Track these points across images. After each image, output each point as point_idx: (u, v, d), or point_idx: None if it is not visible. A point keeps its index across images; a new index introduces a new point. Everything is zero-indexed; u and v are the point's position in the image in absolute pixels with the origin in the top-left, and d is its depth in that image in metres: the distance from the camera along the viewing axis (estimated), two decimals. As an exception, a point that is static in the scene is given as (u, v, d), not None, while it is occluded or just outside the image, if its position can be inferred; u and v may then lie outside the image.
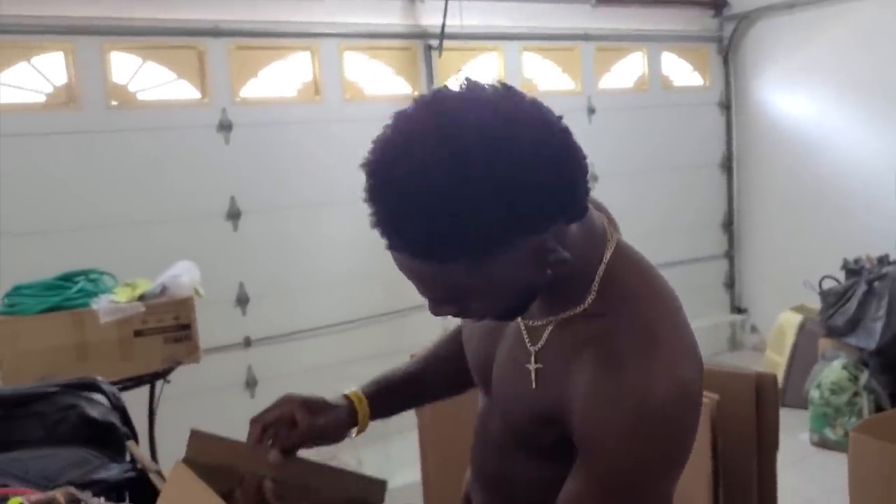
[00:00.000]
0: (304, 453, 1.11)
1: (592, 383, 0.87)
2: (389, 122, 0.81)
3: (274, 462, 1.04)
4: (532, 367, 0.97)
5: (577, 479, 0.89)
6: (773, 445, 1.86)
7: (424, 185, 0.75)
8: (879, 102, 4.47)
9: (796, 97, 4.97)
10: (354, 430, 1.14)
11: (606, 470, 0.87)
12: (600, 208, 1.03)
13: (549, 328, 0.96)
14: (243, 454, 1.04)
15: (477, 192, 0.75)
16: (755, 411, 1.82)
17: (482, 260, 0.80)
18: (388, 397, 1.18)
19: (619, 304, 0.90)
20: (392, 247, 0.81)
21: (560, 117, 0.84)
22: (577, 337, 0.92)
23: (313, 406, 1.08)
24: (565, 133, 0.83)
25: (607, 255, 0.94)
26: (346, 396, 1.14)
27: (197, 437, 1.02)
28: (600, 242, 0.94)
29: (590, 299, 0.92)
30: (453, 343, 1.25)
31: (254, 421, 1.07)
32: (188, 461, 0.96)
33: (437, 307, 0.89)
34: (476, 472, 1.11)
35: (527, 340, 0.99)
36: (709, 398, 1.71)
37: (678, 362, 0.87)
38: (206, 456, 1.01)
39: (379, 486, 1.23)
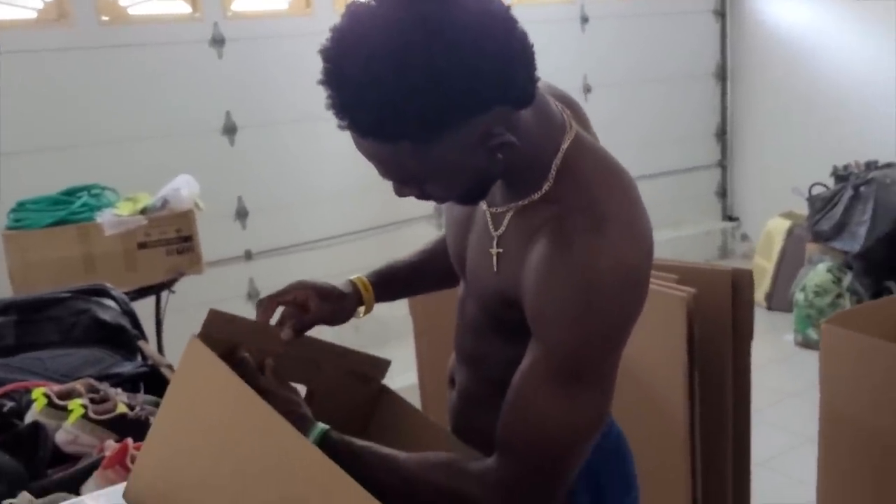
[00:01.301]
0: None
1: (541, 262, 0.93)
2: (346, 11, 0.88)
3: (286, 339, 1.13)
4: (494, 251, 1.03)
5: (529, 354, 0.95)
6: (748, 337, 1.96)
7: (370, 71, 0.82)
8: (874, 9, 4.43)
9: (791, 4, 4.92)
10: (362, 310, 1.23)
11: (551, 343, 0.92)
12: (568, 103, 1.07)
13: (510, 214, 1.01)
14: (255, 332, 1.12)
15: (416, 77, 0.81)
16: (731, 304, 1.92)
17: (426, 141, 0.86)
18: (390, 284, 1.27)
19: (574, 189, 0.95)
20: (344, 127, 0.88)
21: (508, 8, 0.89)
22: (533, 222, 0.97)
23: (324, 293, 1.17)
24: (509, 22, 0.87)
25: (565, 144, 0.98)
26: (353, 283, 1.23)
27: (213, 315, 1.07)
28: (557, 132, 0.99)
29: (547, 186, 0.97)
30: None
31: (270, 297, 1.14)
32: (203, 336, 1.04)
33: (399, 188, 0.97)
34: (457, 352, 1.20)
35: (490, 226, 1.05)
36: (685, 291, 1.80)
37: (624, 244, 0.91)
38: (219, 333, 1.07)
39: (383, 364, 1.33)
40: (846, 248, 3.81)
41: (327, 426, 1.03)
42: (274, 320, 1.16)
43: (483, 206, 1.07)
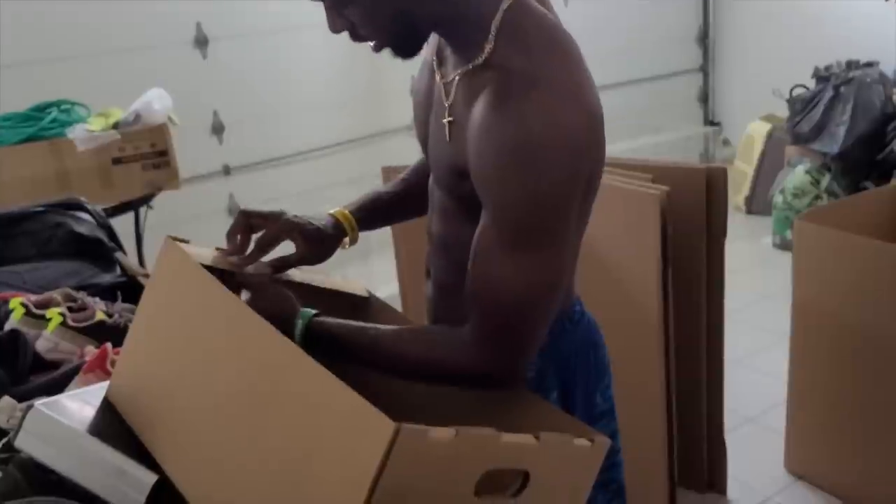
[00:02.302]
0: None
1: (478, 125, 0.95)
2: None
3: (260, 272, 1.14)
4: (445, 120, 1.05)
5: (481, 219, 0.98)
6: (721, 234, 1.99)
7: None
8: None
9: None
10: (347, 241, 1.24)
11: (495, 205, 0.95)
12: None
13: (457, 80, 1.03)
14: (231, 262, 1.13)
15: None
16: (705, 202, 1.94)
17: None
18: (373, 215, 1.28)
19: (513, 51, 0.96)
20: None
21: None
22: (476, 87, 0.98)
23: (308, 236, 1.17)
24: None
25: (505, 4, 0.98)
26: (335, 218, 1.23)
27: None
28: None
29: (488, 48, 0.98)
30: None
31: (245, 213, 1.15)
32: (175, 238, 1.04)
33: (330, 19, 1.00)
34: (429, 241, 1.22)
35: (443, 97, 1.06)
36: (658, 190, 1.81)
37: (558, 103, 0.92)
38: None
39: (359, 286, 1.34)
40: (825, 150, 3.82)
41: (313, 312, 1.06)
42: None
43: (437, 77, 1.08)
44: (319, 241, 1.19)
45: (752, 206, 4.45)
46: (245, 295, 1.09)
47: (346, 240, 1.24)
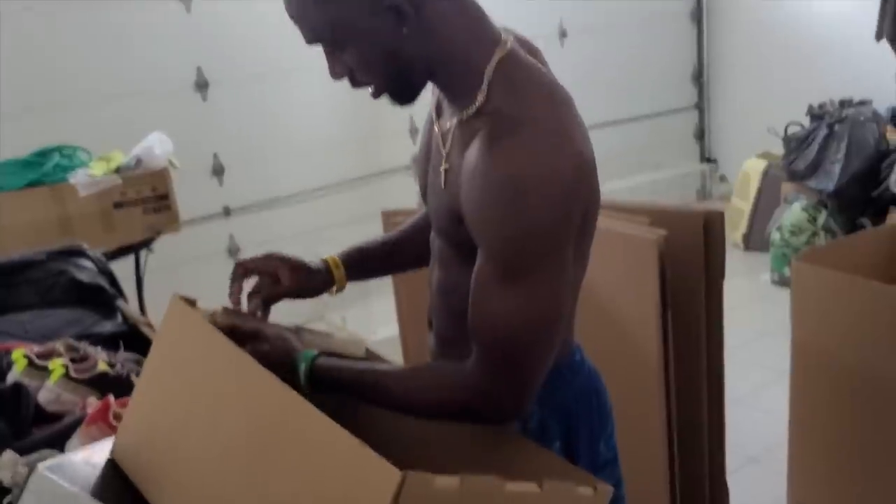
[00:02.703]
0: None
1: (470, 167, 0.99)
2: None
3: (254, 309, 1.16)
4: (442, 168, 1.08)
5: (477, 259, 1.00)
6: (720, 276, 1.99)
7: None
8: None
9: (767, -59, 4.88)
10: (334, 289, 1.26)
11: (488, 244, 0.98)
12: (528, 46, 1.10)
13: (453, 129, 1.07)
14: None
15: None
16: (703, 245, 1.94)
17: None
18: (363, 264, 1.29)
19: (505, 99, 1.00)
20: None
21: None
22: (469, 133, 1.02)
23: (296, 267, 1.20)
24: None
25: (498, 55, 1.02)
26: (325, 261, 1.25)
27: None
28: (490, 41, 1.03)
29: (480, 98, 1.01)
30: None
31: (239, 263, 1.18)
32: (183, 298, 1.06)
33: (331, 66, 1.04)
34: (431, 291, 1.23)
35: (440, 146, 1.10)
36: (656, 234, 1.82)
37: (544, 144, 0.95)
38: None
39: (359, 343, 1.34)
40: (821, 187, 3.85)
41: (314, 353, 1.07)
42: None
43: (435, 128, 1.12)
44: (306, 275, 1.21)
45: (749, 243, 4.47)
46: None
47: (334, 287, 1.25)
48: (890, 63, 3.75)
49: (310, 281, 1.22)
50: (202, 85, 3.64)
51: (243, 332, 1.10)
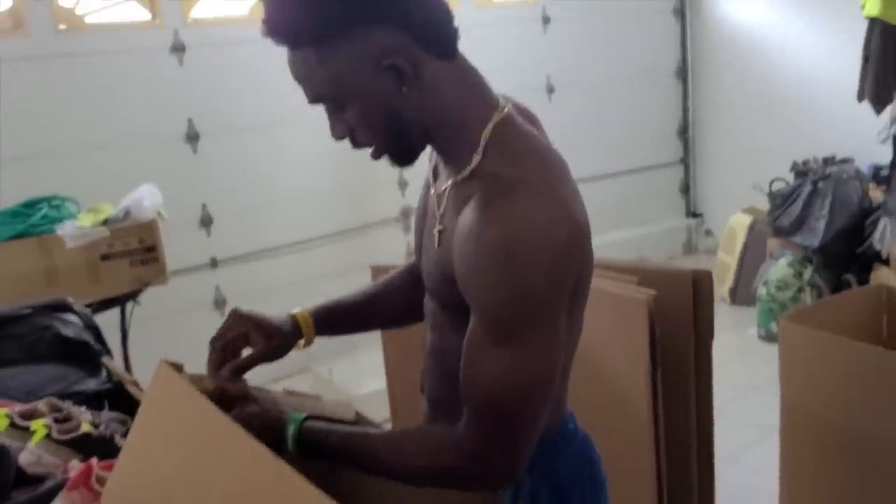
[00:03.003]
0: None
1: (463, 228, 0.99)
2: None
3: (224, 376, 1.14)
4: (436, 229, 1.09)
5: (471, 320, 1.00)
6: (709, 336, 2.00)
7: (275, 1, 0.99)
8: (827, 6, 4.52)
9: (750, 3, 5.00)
10: (302, 342, 1.25)
11: (480, 307, 0.98)
12: (525, 112, 1.12)
13: (448, 191, 1.08)
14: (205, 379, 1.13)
15: None
16: (692, 305, 1.95)
17: (326, 45, 0.97)
18: (333, 321, 1.28)
19: (500, 161, 1.01)
20: (264, 33, 1.00)
21: None
22: (464, 195, 1.03)
23: (265, 328, 1.19)
24: None
25: (495, 119, 1.04)
26: (293, 317, 1.24)
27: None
28: (487, 105, 1.05)
29: (476, 159, 1.03)
30: (409, 275, 1.34)
31: (214, 340, 1.16)
32: (169, 362, 1.05)
33: (331, 124, 1.06)
34: (424, 355, 1.22)
35: (435, 207, 1.11)
36: (645, 294, 1.83)
37: (538, 208, 0.96)
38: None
39: (348, 407, 1.33)
40: (806, 243, 3.89)
41: (302, 416, 1.07)
42: None
43: (431, 190, 1.13)
44: (275, 335, 1.20)
45: (736, 297, 4.49)
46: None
47: (301, 341, 1.24)
48: (870, 122, 3.83)
49: (280, 346, 1.21)
50: (193, 137, 3.66)
51: (231, 396, 1.10)
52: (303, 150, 3.91)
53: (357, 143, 1.07)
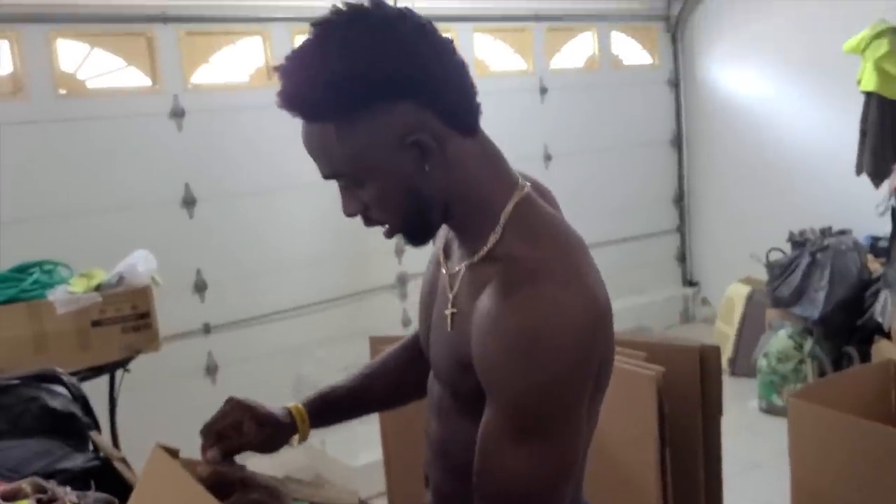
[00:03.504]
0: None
1: (483, 313, 0.94)
2: None
3: (210, 459, 1.08)
4: (449, 311, 1.04)
5: (486, 411, 0.94)
6: (717, 411, 1.96)
7: (303, 55, 0.95)
8: (822, 79, 4.59)
9: (743, 74, 5.08)
10: (296, 439, 1.20)
11: (500, 396, 0.92)
12: (540, 188, 1.10)
13: (463, 272, 1.03)
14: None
15: (332, 55, 0.93)
16: (700, 381, 1.91)
17: (346, 120, 0.94)
18: (328, 412, 1.23)
19: (520, 243, 0.97)
20: (280, 105, 0.96)
21: (449, 41, 0.98)
22: (481, 278, 0.98)
23: (260, 417, 1.14)
24: (442, 44, 0.97)
25: (514, 198, 1.00)
26: (288, 410, 1.19)
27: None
28: (508, 184, 1.02)
29: (494, 238, 0.99)
30: (405, 352, 1.30)
31: (206, 431, 1.11)
32: (164, 447, 1.00)
33: (345, 203, 1.01)
34: (426, 440, 1.17)
35: (448, 288, 1.06)
36: (654, 370, 1.79)
37: (563, 295, 0.91)
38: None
39: (352, 495, 1.27)
40: (806, 314, 3.85)
41: None
42: None
43: (443, 269, 1.08)
44: (271, 424, 1.15)
45: (735, 369, 4.43)
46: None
47: (296, 437, 1.19)
48: (867, 194, 3.85)
49: (274, 437, 1.16)
50: (190, 201, 3.64)
51: (230, 481, 1.04)
52: (299, 216, 3.90)
53: (371, 222, 1.02)
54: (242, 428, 1.12)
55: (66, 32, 3.37)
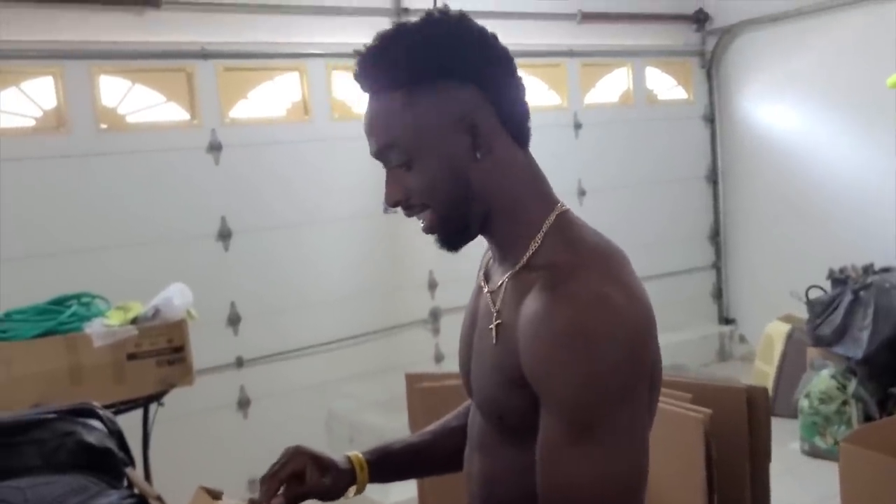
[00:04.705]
0: None
1: (531, 316, 0.93)
2: None
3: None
4: (493, 324, 1.03)
5: (542, 422, 0.92)
6: (766, 456, 1.90)
7: (383, 35, 1.01)
8: (859, 113, 4.53)
9: (779, 109, 5.03)
10: (353, 490, 1.18)
11: (556, 400, 0.90)
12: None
13: (505, 284, 1.03)
14: None
15: (411, 35, 0.99)
16: (747, 423, 1.85)
17: (416, 90, 0.98)
18: (388, 467, 1.22)
19: (560, 249, 0.98)
20: (356, 74, 1.02)
21: (512, 58, 1.05)
22: (524, 285, 0.98)
23: (322, 464, 1.13)
24: (506, 56, 1.04)
25: (556, 212, 1.03)
26: (349, 459, 1.18)
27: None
28: (550, 201, 1.04)
29: (533, 247, 1.00)
30: (466, 416, 1.27)
31: (271, 478, 1.09)
32: (206, 489, 0.98)
33: (388, 189, 1.03)
34: (467, 479, 1.13)
35: (491, 305, 1.05)
36: (702, 413, 1.74)
37: (612, 291, 0.91)
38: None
39: None
40: (849, 354, 3.75)
41: None
42: None
43: (484, 290, 1.08)
44: (332, 472, 1.14)
45: (775, 409, 4.30)
46: None
47: (353, 488, 1.17)
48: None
49: (335, 484, 1.14)
50: (226, 234, 3.66)
51: None
52: (333, 250, 3.90)
53: (412, 211, 1.04)
54: (305, 475, 1.10)
55: (107, 69, 3.43)
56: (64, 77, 3.32)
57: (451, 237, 1.04)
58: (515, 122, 1.03)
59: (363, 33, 1.03)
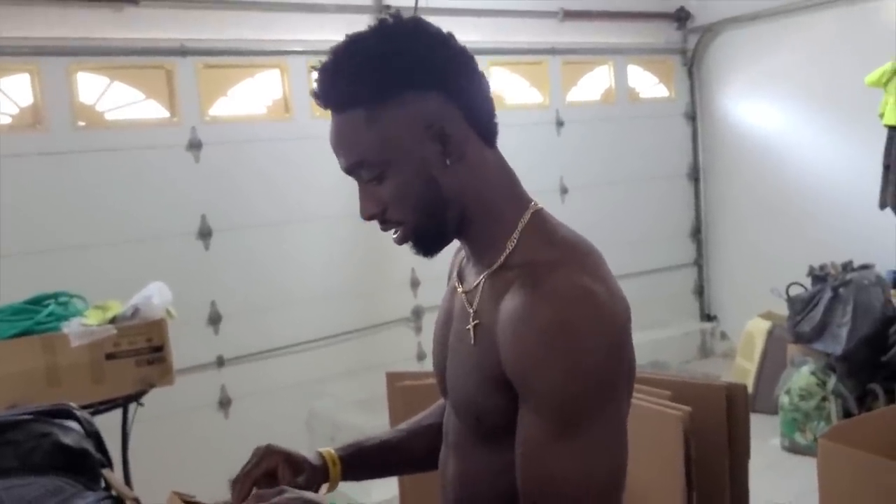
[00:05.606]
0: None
1: (511, 312, 0.93)
2: None
3: None
4: (471, 325, 1.02)
5: (524, 418, 0.92)
6: (745, 453, 1.90)
7: (337, 52, 0.98)
8: (839, 111, 4.57)
9: (760, 107, 5.06)
10: (325, 487, 1.17)
11: (538, 395, 0.90)
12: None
13: (482, 285, 1.03)
14: None
15: (369, 48, 0.97)
16: (727, 421, 1.86)
17: (378, 107, 0.96)
18: (361, 463, 1.21)
19: (537, 247, 0.99)
20: (316, 95, 1.00)
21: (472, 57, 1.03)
22: (502, 284, 0.99)
23: (294, 462, 1.12)
24: (466, 55, 1.01)
25: (530, 210, 1.03)
26: (322, 455, 1.17)
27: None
28: (523, 201, 1.05)
29: (510, 246, 1.00)
30: (442, 413, 1.27)
31: (243, 479, 1.08)
32: (179, 494, 0.97)
33: (363, 200, 1.02)
34: (441, 479, 1.13)
35: (467, 306, 1.05)
36: (681, 410, 1.74)
37: (588, 280, 0.92)
38: None
39: None
40: (828, 350, 3.78)
41: None
42: None
43: (459, 291, 1.08)
44: (304, 470, 1.13)
45: (756, 405, 4.33)
46: None
47: (326, 486, 1.17)
48: (888, 227, 3.79)
49: (309, 482, 1.13)
50: (206, 233, 3.63)
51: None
52: (314, 248, 3.88)
53: (388, 224, 1.03)
54: (277, 474, 1.10)
55: (85, 66, 3.39)
56: (41, 74, 3.28)
57: (428, 244, 1.04)
58: (483, 122, 1.02)
59: (344, 30, 1.01)
